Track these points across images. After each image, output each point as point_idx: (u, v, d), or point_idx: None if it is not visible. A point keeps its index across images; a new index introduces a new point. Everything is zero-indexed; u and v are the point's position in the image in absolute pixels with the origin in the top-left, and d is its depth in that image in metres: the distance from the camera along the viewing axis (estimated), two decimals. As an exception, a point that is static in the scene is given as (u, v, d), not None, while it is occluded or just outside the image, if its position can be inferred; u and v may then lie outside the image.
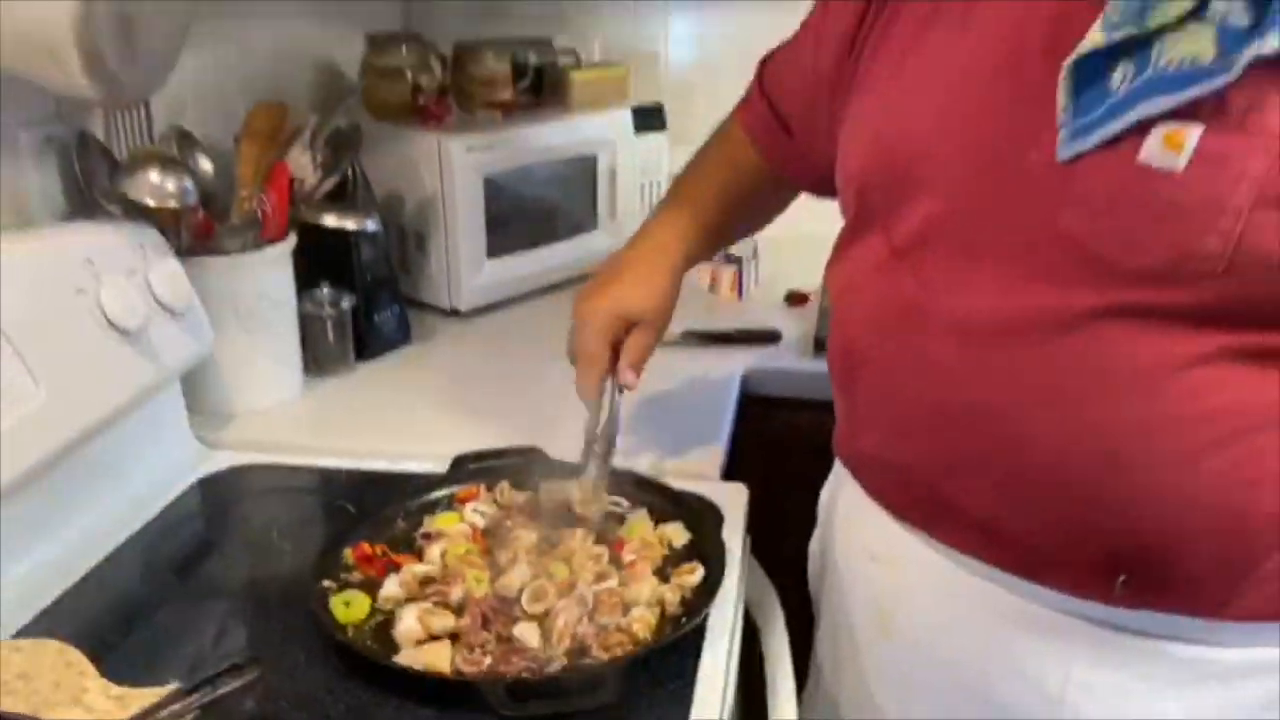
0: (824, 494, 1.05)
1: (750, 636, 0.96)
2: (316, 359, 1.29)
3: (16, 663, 0.76)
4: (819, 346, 1.35)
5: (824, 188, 0.96)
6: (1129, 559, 0.76)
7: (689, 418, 1.20)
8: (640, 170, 1.69)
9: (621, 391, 0.98)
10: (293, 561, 0.95)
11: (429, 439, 1.14)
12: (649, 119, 1.70)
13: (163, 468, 1.07)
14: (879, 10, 0.87)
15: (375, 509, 0.97)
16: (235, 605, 0.92)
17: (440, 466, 1.04)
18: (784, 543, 1.07)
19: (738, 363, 1.35)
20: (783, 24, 1.03)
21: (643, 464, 1.08)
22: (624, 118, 1.67)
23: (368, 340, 1.36)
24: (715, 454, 1.13)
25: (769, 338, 1.43)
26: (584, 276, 1.04)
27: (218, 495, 1.07)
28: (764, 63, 1.08)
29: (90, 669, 0.76)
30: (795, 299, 1.54)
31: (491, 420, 1.18)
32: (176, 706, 0.69)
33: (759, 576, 1.04)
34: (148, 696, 0.73)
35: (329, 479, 1.10)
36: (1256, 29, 0.64)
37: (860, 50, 0.88)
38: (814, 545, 1.07)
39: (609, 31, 1.82)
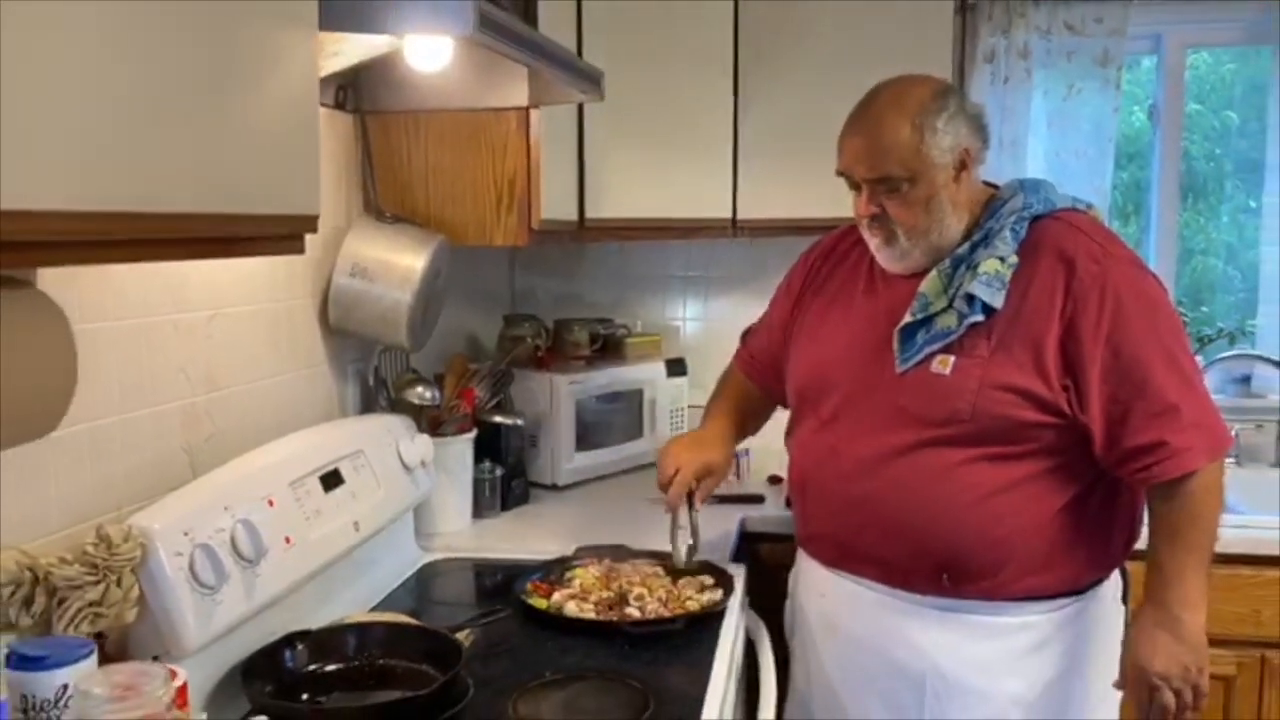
0: (790, 575, 1.80)
1: (749, 654, 1.67)
2: (478, 505, 2.06)
3: (374, 618, 1.48)
4: (788, 504, 2.11)
5: (782, 400, 1.78)
6: (946, 565, 1.51)
7: (714, 539, 1.96)
8: (670, 401, 2.55)
9: (694, 508, 1.73)
10: (485, 595, 1.70)
11: (543, 545, 1.89)
12: (675, 368, 2.57)
13: (402, 557, 1.83)
14: (800, 303, 1.73)
15: (537, 569, 1.71)
16: (464, 610, 1.63)
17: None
18: (768, 608, 1.79)
19: (740, 513, 2.15)
20: (752, 310, 1.89)
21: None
22: (659, 367, 2.55)
23: (505, 498, 2.13)
24: (726, 550, 1.92)
25: (757, 500, 2.22)
26: (633, 468, 1.81)
27: (434, 573, 1.84)
28: (745, 332, 1.93)
29: (412, 620, 1.48)
30: (773, 479, 2.34)
31: (579, 538, 1.92)
32: (474, 623, 1.42)
33: (754, 617, 1.76)
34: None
35: (494, 566, 1.86)
36: (970, 313, 1.49)
37: (793, 323, 1.74)
38: (787, 605, 1.80)
39: (648, 314, 2.74)
